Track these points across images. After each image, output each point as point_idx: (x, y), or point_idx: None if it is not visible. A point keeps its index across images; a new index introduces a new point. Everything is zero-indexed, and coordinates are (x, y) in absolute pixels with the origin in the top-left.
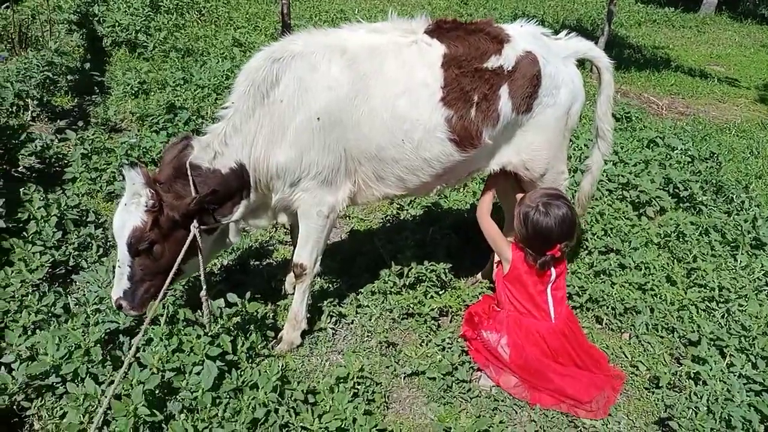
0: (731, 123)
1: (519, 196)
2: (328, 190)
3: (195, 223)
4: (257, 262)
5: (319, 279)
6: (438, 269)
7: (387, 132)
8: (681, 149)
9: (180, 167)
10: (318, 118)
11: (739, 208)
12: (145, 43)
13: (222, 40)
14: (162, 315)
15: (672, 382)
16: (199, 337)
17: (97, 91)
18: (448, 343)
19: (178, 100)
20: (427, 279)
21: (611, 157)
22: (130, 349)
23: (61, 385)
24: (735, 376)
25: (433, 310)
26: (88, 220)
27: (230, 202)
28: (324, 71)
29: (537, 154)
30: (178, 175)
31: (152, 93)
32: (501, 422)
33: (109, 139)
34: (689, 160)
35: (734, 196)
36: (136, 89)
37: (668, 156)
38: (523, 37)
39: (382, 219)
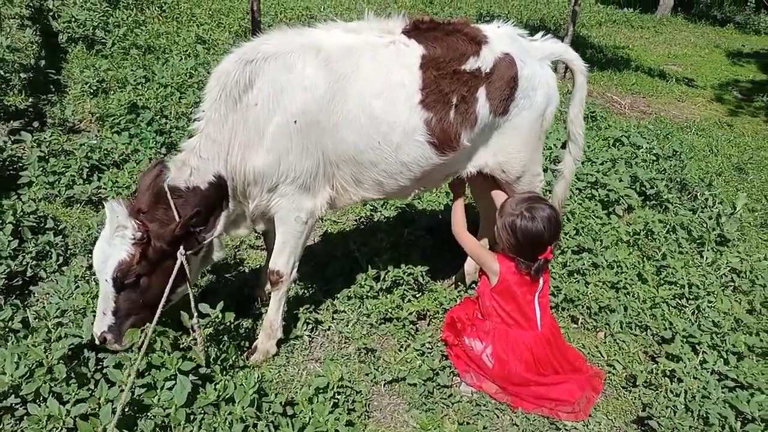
0: (690, 122)
1: (495, 194)
2: (307, 195)
3: (181, 249)
4: (228, 269)
5: (293, 285)
6: (415, 272)
7: (364, 134)
8: (646, 148)
9: (159, 192)
10: (295, 121)
11: (703, 206)
12: (103, 40)
13: (185, 37)
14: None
15: (648, 381)
16: (168, 352)
17: (53, 89)
18: (427, 348)
19: (140, 99)
20: (404, 282)
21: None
22: (97, 365)
23: (22, 407)
24: (708, 372)
25: (411, 314)
26: (46, 227)
27: (212, 217)
28: (299, 72)
29: (513, 156)
30: (158, 201)
31: (112, 92)
32: (485, 428)
33: (67, 140)
34: (654, 158)
35: (698, 194)
36: (94, 88)
37: (634, 154)
38: (500, 38)
39: (356, 221)
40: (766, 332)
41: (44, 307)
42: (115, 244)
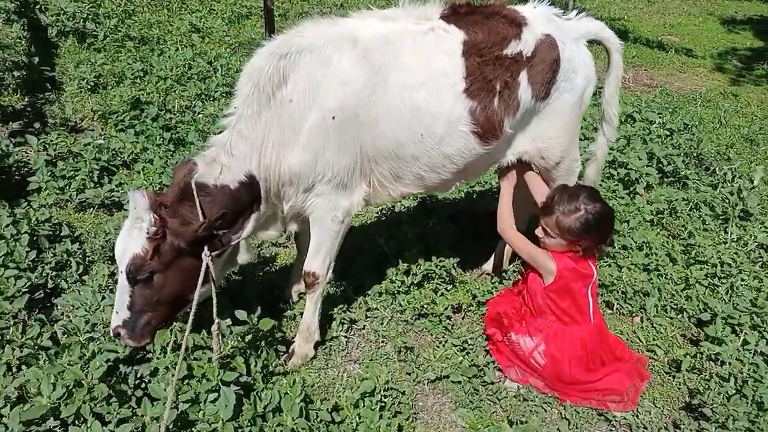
0: (696, 93)
1: (528, 176)
2: (343, 193)
3: (206, 251)
4: (254, 270)
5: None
6: (447, 265)
7: (406, 128)
8: (659, 123)
9: (186, 188)
10: (333, 117)
11: (723, 180)
12: (94, 32)
13: (178, 26)
14: (168, 344)
15: (692, 365)
16: (210, 360)
17: (50, 87)
18: (468, 344)
19: (141, 94)
20: (436, 276)
21: (594, 134)
22: (136, 380)
23: (62, 429)
24: (751, 354)
25: (446, 308)
26: (62, 234)
27: (241, 218)
28: (336, 65)
29: (553, 141)
30: (184, 197)
31: (110, 87)
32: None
33: (74, 142)
34: (668, 133)
35: (717, 168)
36: (92, 84)
37: (648, 130)
38: (538, 19)
39: (377, 213)
40: None
41: (71, 321)
42: (132, 235)
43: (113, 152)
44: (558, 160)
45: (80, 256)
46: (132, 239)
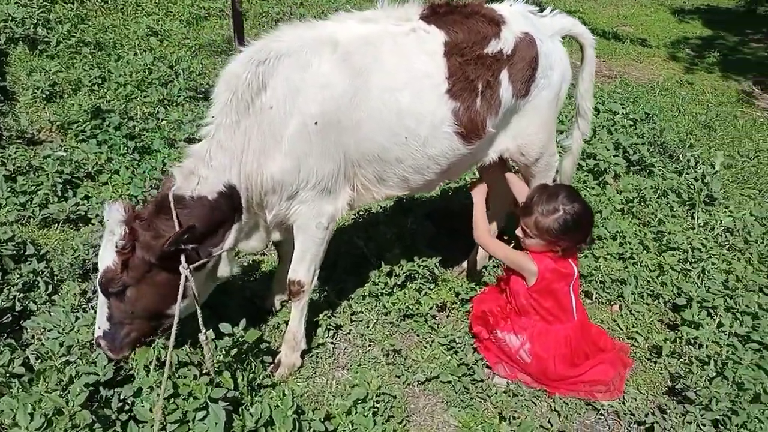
0: (653, 82)
1: (509, 177)
2: (328, 199)
3: (184, 264)
4: (235, 280)
5: None
6: (430, 264)
7: (390, 131)
8: (622, 113)
9: (163, 200)
10: (315, 122)
11: (687, 167)
12: (46, 39)
13: (134, 29)
14: (150, 362)
15: (672, 350)
16: (195, 377)
17: (1, 98)
18: (456, 342)
19: (101, 102)
20: (419, 275)
21: (560, 127)
22: (119, 403)
23: None
24: (726, 336)
25: (431, 308)
26: (27, 253)
27: (221, 230)
28: (316, 69)
29: (533, 138)
30: (160, 210)
31: (66, 96)
32: (541, 426)
33: (34, 156)
34: (631, 123)
35: (680, 155)
36: (47, 93)
37: (612, 121)
38: (516, 17)
39: (354, 215)
40: None
41: (43, 344)
42: (107, 248)
43: (76, 164)
44: (537, 156)
45: (48, 275)
46: (105, 251)
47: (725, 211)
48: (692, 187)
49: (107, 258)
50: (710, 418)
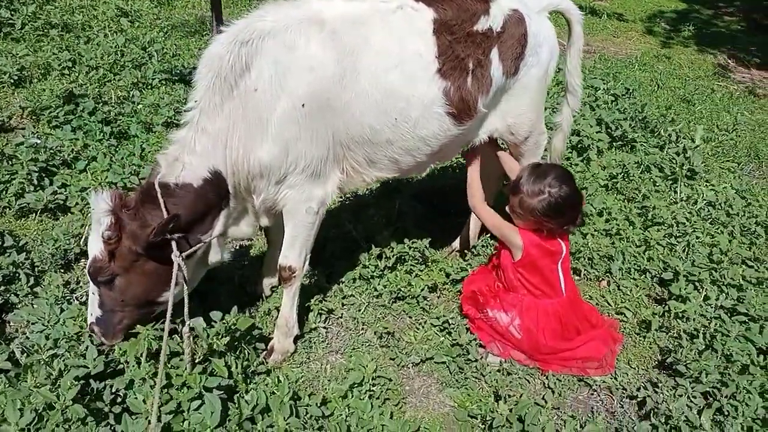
0: (632, 57)
1: (501, 155)
2: (317, 182)
3: (176, 252)
4: (224, 267)
5: None
6: (420, 246)
7: (380, 112)
8: (603, 89)
9: (148, 189)
10: (303, 105)
11: (668, 141)
12: (10, 21)
13: (103, 10)
14: (141, 354)
15: (661, 324)
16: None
17: None
18: (449, 323)
19: (73, 86)
20: (409, 257)
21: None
22: (111, 395)
23: None
24: (713, 308)
25: (422, 289)
26: (5, 245)
27: (209, 216)
28: (303, 50)
29: (522, 117)
30: (146, 199)
31: (36, 80)
32: (536, 404)
33: (6, 144)
34: (613, 99)
35: (662, 130)
36: (15, 77)
37: (594, 97)
38: None
39: (341, 198)
40: (754, 261)
41: (28, 337)
42: (93, 237)
43: (51, 151)
44: (527, 134)
45: (28, 266)
46: (92, 241)
47: (707, 185)
48: (674, 161)
49: (95, 247)
50: (700, 391)
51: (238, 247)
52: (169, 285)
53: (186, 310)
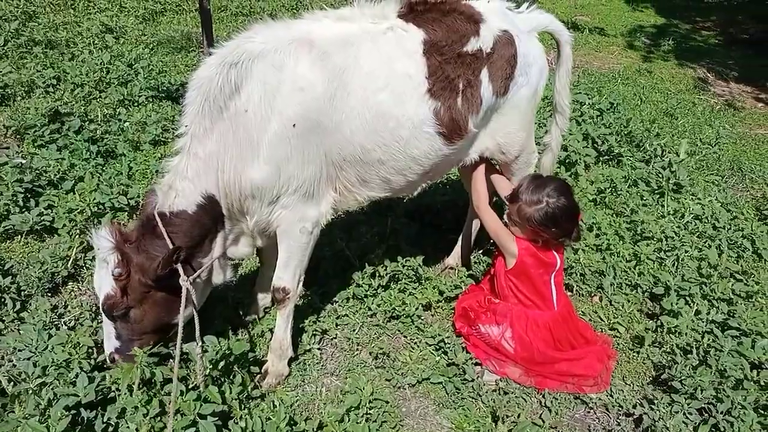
0: (615, 72)
1: (494, 178)
2: (310, 203)
3: (183, 276)
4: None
5: None
6: (413, 264)
7: (371, 132)
8: (588, 104)
9: (147, 221)
10: (293, 125)
11: (653, 155)
12: None
13: (88, 26)
14: (134, 381)
15: (654, 339)
16: (182, 393)
17: None
18: (444, 342)
19: (58, 104)
20: (403, 276)
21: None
22: (104, 425)
23: None
24: (704, 323)
25: (416, 308)
26: None
27: (207, 240)
28: (292, 70)
29: (512, 136)
30: (146, 231)
31: (20, 98)
32: (534, 424)
33: None
34: (598, 113)
35: (647, 144)
36: None
37: (580, 112)
38: (494, 14)
39: (333, 216)
40: (742, 275)
41: (15, 365)
42: (101, 275)
43: (36, 172)
44: (517, 153)
45: (14, 291)
46: (102, 279)
47: (693, 199)
48: (660, 175)
49: (105, 285)
50: (696, 407)
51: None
52: (186, 307)
53: (197, 332)
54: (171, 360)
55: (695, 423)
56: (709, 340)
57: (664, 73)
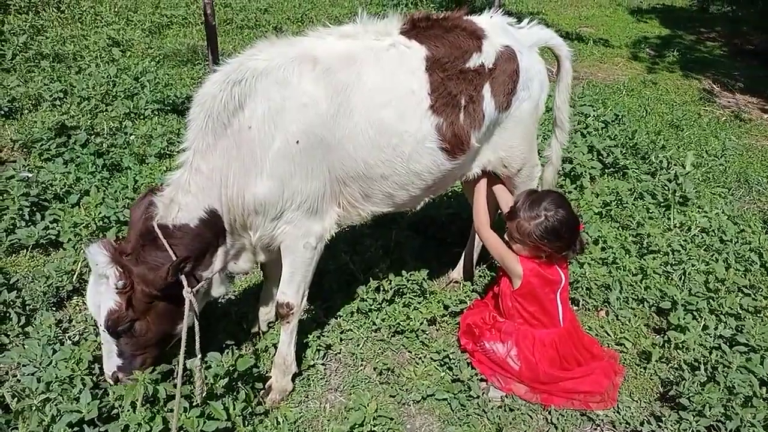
0: (620, 83)
1: (497, 189)
2: (314, 218)
3: (187, 288)
4: (220, 302)
5: None
6: (418, 278)
7: (374, 148)
8: (593, 116)
9: (147, 232)
10: (297, 141)
11: (659, 168)
12: (1, 51)
13: (95, 40)
14: (137, 398)
15: (662, 355)
16: (186, 410)
17: None
18: (449, 358)
19: (65, 118)
20: (408, 290)
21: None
22: None
23: None
24: (712, 338)
25: (421, 323)
26: None
27: (208, 254)
28: (296, 87)
29: (515, 150)
30: (146, 242)
31: (27, 111)
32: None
33: None
34: (603, 125)
35: (653, 157)
36: (6, 109)
37: (585, 124)
38: (496, 30)
39: (338, 229)
40: (750, 289)
41: (19, 381)
42: (101, 292)
43: (42, 185)
44: (520, 167)
45: (19, 305)
46: (102, 295)
47: (699, 212)
48: (666, 188)
49: (107, 300)
50: (704, 425)
51: (234, 282)
52: (181, 318)
53: (197, 344)
54: (174, 377)
55: None
56: (717, 356)
57: (669, 85)
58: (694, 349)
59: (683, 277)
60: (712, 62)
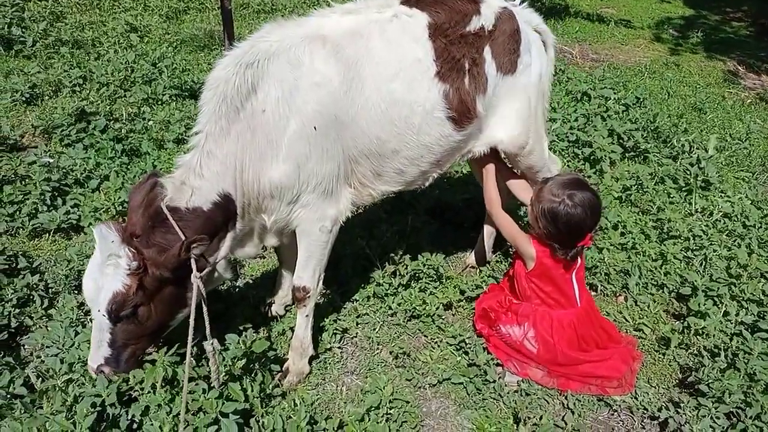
0: (641, 65)
1: (512, 183)
2: (329, 201)
3: (195, 273)
4: (237, 287)
5: None
6: (434, 263)
7: (386, 122)
8: (614, 99)
9: (155, 214)
10: (313, 122)
11: (681, 152)
12: (22, 38)
13: (113, 26)
14: (157, 381)
15: (681, 341)
16: (204, 391)
17: None
18: (465, 343)
19: (85, 104)
20: (424, 275)
21: (553, 115)
22: (129, 422)
23: None
24: (733, 324)
25: (437, 307)
26: (19, 266)
27: (216, 239)
28: (308, 67)
29: (521, 124)
30: (155, 224)
31: (47, 98)
32: (556, 425)
33: (20, 163)
34: (624, 108)
35: (675, 140)
36: (27, 95)
37: (605, 107)
38: None
39: (354, 213)
40: None
41: (43, 362)
42: (107, 273)
43: (63, 171)
44: (524, 143)
45: (42, 288)
46: (107, 277)
47: (722, 196)
48: (688, 172)
49: (115, 282)
50: (724, 411)
51: (250, 266)
52: (182, 306)
53: (207, 330)
54: (192, 358)
55: (723, 428)
56: (737, 342)
57: (692, 66)
58: (714, 336)
59: (704, 262)
60: (738, 43)
